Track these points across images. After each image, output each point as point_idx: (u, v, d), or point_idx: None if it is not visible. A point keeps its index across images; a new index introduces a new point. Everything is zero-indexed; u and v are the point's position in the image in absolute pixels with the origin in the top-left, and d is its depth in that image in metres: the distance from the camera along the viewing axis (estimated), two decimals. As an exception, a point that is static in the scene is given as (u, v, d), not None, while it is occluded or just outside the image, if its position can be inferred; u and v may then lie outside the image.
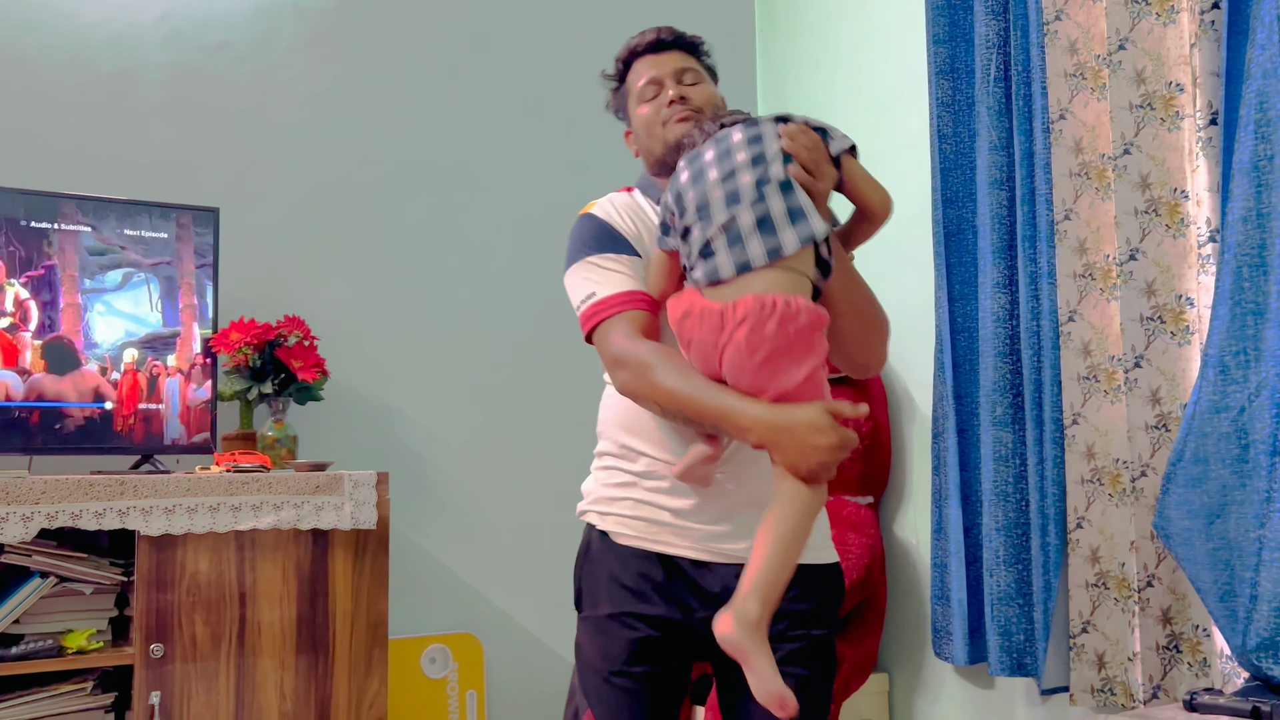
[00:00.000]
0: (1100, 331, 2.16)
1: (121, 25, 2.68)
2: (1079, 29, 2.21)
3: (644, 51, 1.72)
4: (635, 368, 1.50)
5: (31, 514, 2.04)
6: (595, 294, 1.57)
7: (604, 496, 1.64)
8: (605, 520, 1.62)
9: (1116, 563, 2.11)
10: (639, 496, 1.60)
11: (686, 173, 1.51)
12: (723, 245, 1.43)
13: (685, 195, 1.49)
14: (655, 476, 1.58)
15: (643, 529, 1.59)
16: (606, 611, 1.59)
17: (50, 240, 2.33)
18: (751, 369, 1.39)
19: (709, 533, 1.56)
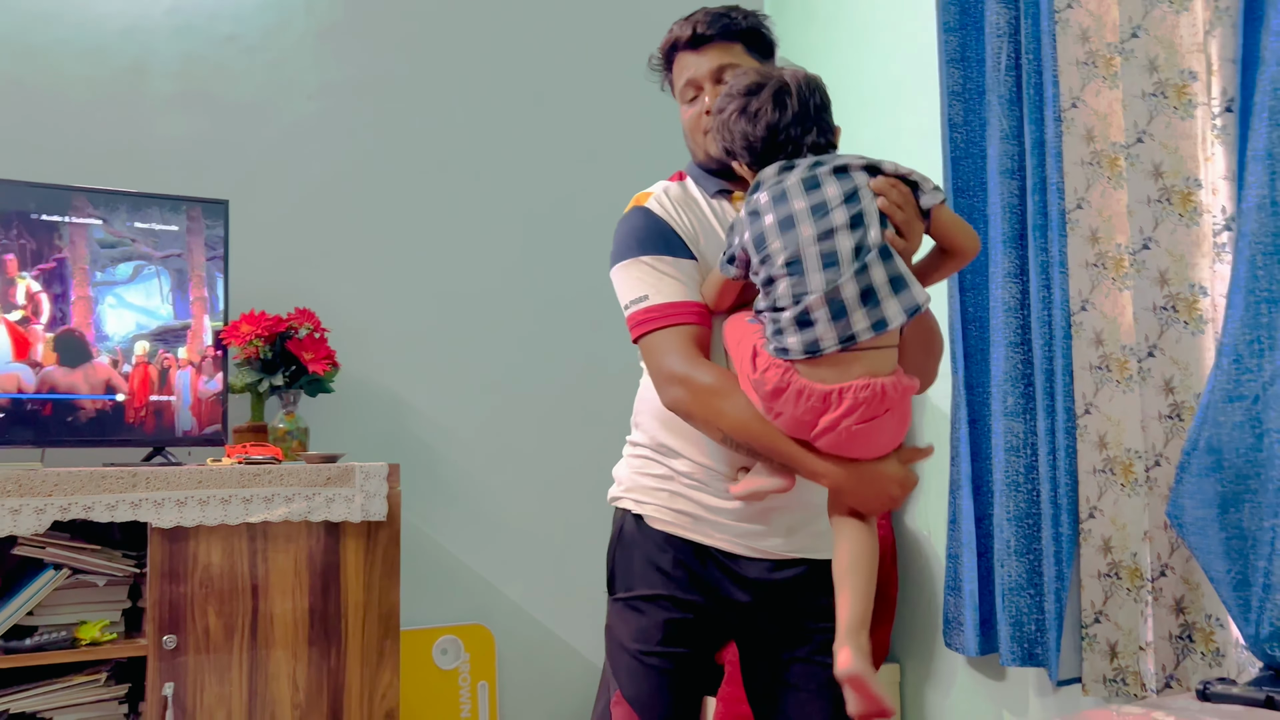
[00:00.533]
0: (1112, 321, 2.15)
1: (132, 18, 2.68)
2: (1091, 17, 2.20)
3: (684, 46, 1.66)
4: (697, 391, 1.49)
5: (44, 506, 2.04)
6: (648, 298, 1.55)
7: (641, 485, 1.65)
8: (643, 506, 1.64)
9: (1128, 553, 2.11)
10: (676, 489, 1.61)
11: (771, 215, 1.42)
12: (824, 317, 1.36)
13: (770, 242, 1.41)
14: (694, 478, 1.60)
15: (679, 519, 1.61)
16: (641, 593, 1.61)
17: (61, 233, 2.33)
18: (851, 449, 1.41)
19: (744, 530, 1.59)
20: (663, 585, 1.60)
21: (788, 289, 1.39)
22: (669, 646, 1.59)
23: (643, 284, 1.56)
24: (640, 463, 1.67)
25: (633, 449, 1.70)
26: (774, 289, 1.41)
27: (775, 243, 1.40)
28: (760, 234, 1.42)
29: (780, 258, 1.39)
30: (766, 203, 1.43)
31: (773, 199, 1.42)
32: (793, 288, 1.38)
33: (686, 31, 1.64)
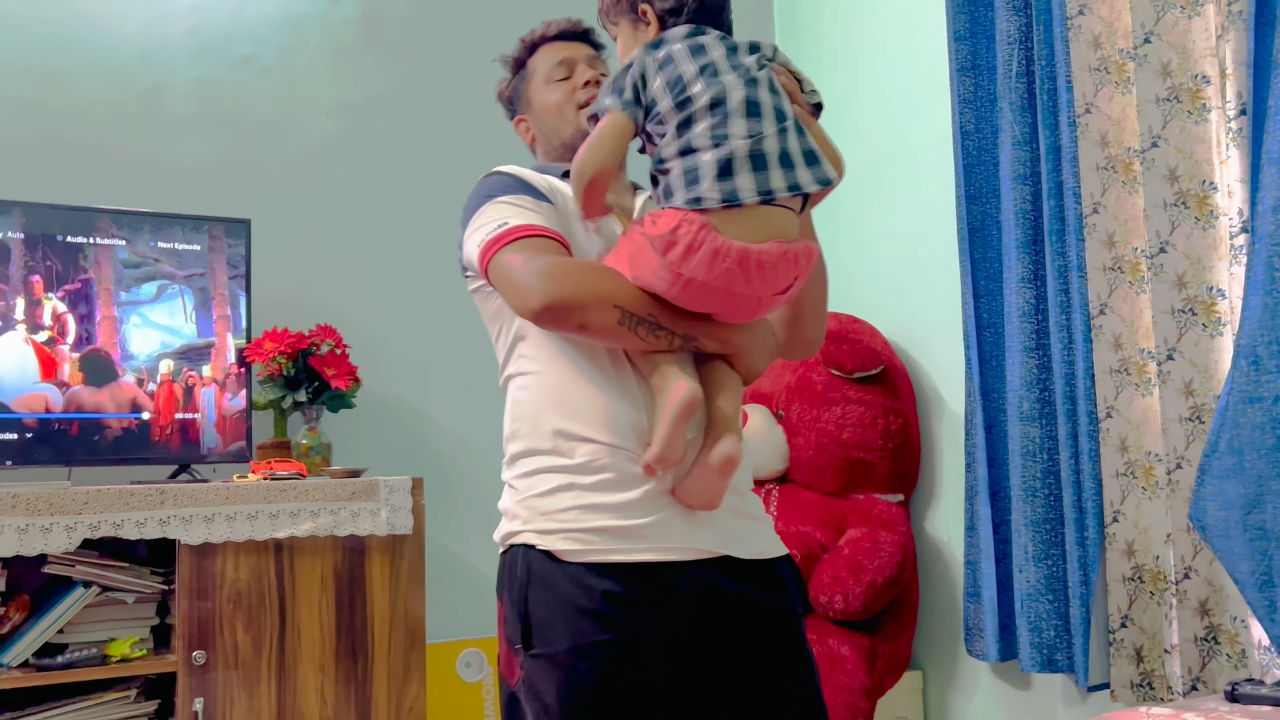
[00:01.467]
0: (1131, 324, 2.17)
1: (151, 41, 2.71)
2: (1102, 23, 2.21)
3: (554, 37, 1.69)
4: (574, 271, 1.35)
5: (74, 524, 2.06)
6: (506, 223, 1.41)
7: (539, 511, 1.40)
8: (548, 539, 1.38)
9: (1152, 556, 2.11)
10: (581, 502, 1.38)
11: (690, 63, 1.35)
12: (746, 166, 1.30)
13: (690, 85, 1.34)
14: (596, 469, 1.38)
15: (594, 540, 1.36)
16: (566, 645, 1.34)
17: (86, 254, 2.36)
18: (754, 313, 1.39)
19: (668, 527, 1.38)
20: (593, 631, 1.33)
21: (707, 130, 1.31)
22: (610, 698, 1.34)
23: (497, 219, 1.42)
24: (530, 481, 1.43)
25: (516, 467, 1.46)
26: (688, 131, 1.32)
27: (697, 85, 1.33)
28: (678, 76, 1.35)
29: (704, 98, 1.32)
30: (682, 51, 1.37)
31: (689, 50, 1.37)
32: (712, 129, 1.31)
33: (562, 25, 1.69)
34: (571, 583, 1.35)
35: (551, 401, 1.42)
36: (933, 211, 2.78)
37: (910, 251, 2.88)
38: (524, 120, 1.71)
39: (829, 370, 2.68)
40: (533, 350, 1.47)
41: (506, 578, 1.43)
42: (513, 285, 1.36)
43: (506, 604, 1.42)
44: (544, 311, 1.32)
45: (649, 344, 1.35)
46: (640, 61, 1.38)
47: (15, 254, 2.29)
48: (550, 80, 1.65)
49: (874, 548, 2.54)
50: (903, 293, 2.89)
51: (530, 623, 1.37)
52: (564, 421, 1.41)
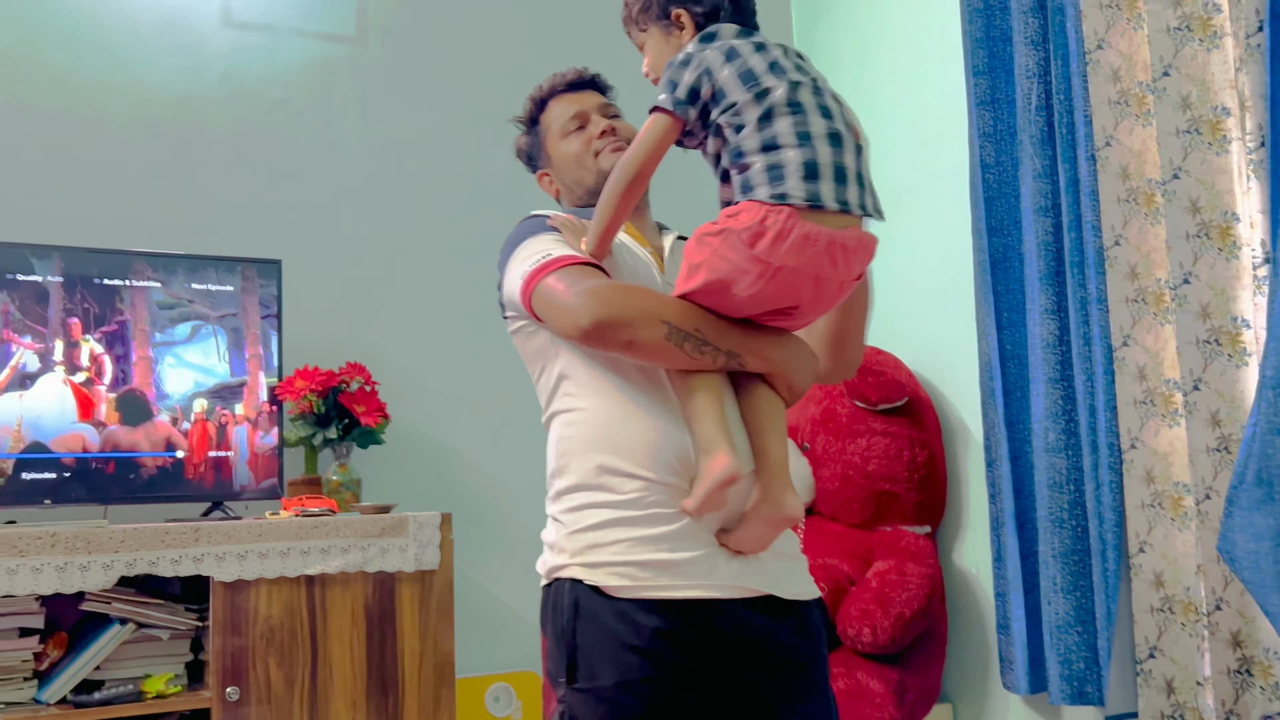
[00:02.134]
0: (1155, 355, 2.17)
1: (186, 86, 2.78)
2: (1121, 57, 2.23)
3: (562, 90, 1.71)
4: (621, 291, 1.36)
5: (111, 562, 2.10)
6: (550, 254, 1.42)
7: (585, 545, 1.41)
8: (594, 573, 1.39)
9: (1182, 587, 2.11)
10: (627, 536, 1.38)
11: (756, 57, 1.35)
12: (829, 175, 1.29)
13: (762, 79, 1.33)
14: (643, 505, 1.39)
15: (641, 575, 1.37)
16: (613, 680, 1.35)
17: (122, 296, 2.41)
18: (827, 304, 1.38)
19: (713, 564, 1.38)
20: (639, 668, 1.34)
21: (790, 128, 1.30)
22: None
23: (540, 252, 1.43)
24: (577, 516, 1.43)
25: (561, 501, 1.47)
26: (770, 126, 1.30)
27: (770, 79, 1.32)
28: (749, 69, 1.33)
29: (780, 92, 1.31)
30: (745, 45, 1.36)
31: (752, 45, 1.36)
32: (795, 126, 1.30)
33: (569, 76, 1.71)
34: (618, 618, 1.36)
35: (598, 437, 1.43)
36: (954, 243, 2.79)
37: (932, 283, 2.90)
38: (546, 174, 1.74)
39: (854, 402, 2.69)
40: (577, 387, 1.47)
41: (551, 611, 1.43)
42: (559, 307, 1.37)
43: (550, 637, 1.43)
44: (592, 329, 1.33)
45: (695, 361, 1.34)
46: (699, 56, 1.36)
47: (54, 297, 2.34)
48: (565, 134, 1.67)
49: (902, 580, 2.53)
50: (926, 324, 2.90)
51: (577, 657, 1.37)
52: (610, 457, 1.41)
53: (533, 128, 1.74)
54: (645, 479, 1.39)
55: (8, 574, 2.02)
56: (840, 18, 3.35)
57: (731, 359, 1.36)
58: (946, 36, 2.82)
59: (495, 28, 3.15)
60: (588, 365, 1.46)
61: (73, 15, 2.68)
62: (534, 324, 1.50)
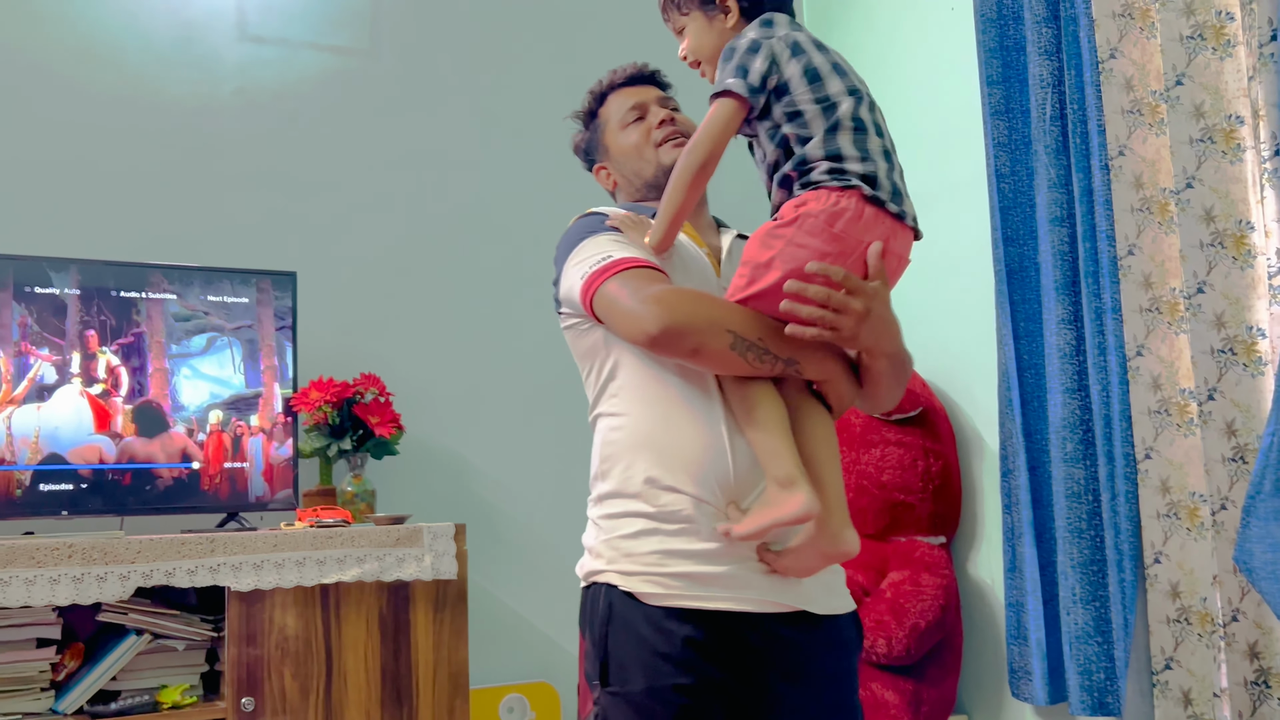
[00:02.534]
0: (1170, 365, 2.16)
1: (201, 100, 2.80)
2: (1134, 66, 2.23)
3: (621, 84, 1.72)
4: (688, 298, 1.36)
5: (128, 573, 2.11)
6: (611, 255, 1.42)
7: (622, 552, 1.42)
8: (629, 580, 1.40)
9: (1198, 598, 2.09)
10: (663, 547, 1.39)
11: (820, 56, 1.39)
12: (887, 190, 1.36)
13: (828, 79, 1.37)
14: (681, 518, 1.39)
15: (674, 585, 1.38)
16: (643, 686, 1.36)
17: (139, 308, 2.43)
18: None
19: (746, 578, 1.39)
20: (669, 674, 1.35)
21: (852, 143, 1.35)
22: None
23: (601, 252, 1.44)
24: (615, 522, 1.44)
25: (604, 507, 1.47)
26: (835, 138, 1.35)
27: (834, 84, 1.37)
28: (813, 67, 1.37)
29: (845, 105, 1.36)
30: (806, 39, 1.39)
31: (813, 42, 1.40)
32: (856, 143, 1.35)
33: (628, 71, 1.72)
34: (650, 625, 1.37)
35: (641, 446, 1.43)
36: (968, 253, 2.79)
37: (946, 293, 2.89)
38: (604, 168, 1.73)
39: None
40: (624, 391, 1.47)
41: (588, 614, 1.45)
42: (624, 313, 1.37)
43: (587, 639, 1.45)
44: (660, 336, 1.34)
45: (756, 369, 1.35)
46: (768, 45, 1.38)
47: (71, 309, 2.36)
48: (625, 125, 1.67)
49: (916, 591, 2.53)
50: (939, 334, 2.89)
51: (609, 661, 1.39)
52: (652, 468, 1.41)
53: (591, 121, 1.75)
54: (684, 493, 1.39)
55: (25, 585, 2.03)
56: (853, 29, 3.35)
57: (790, 367, 1.36)
58: (960, 47, 2.82)
59: (508, 40, 3.17)
60: (637, 368, 1.45)
61: (89, 29, 2.71)
62: (588, 322, 1.49)
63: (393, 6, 3.05)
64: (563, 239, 1.56)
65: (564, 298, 1.52)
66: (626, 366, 1.46)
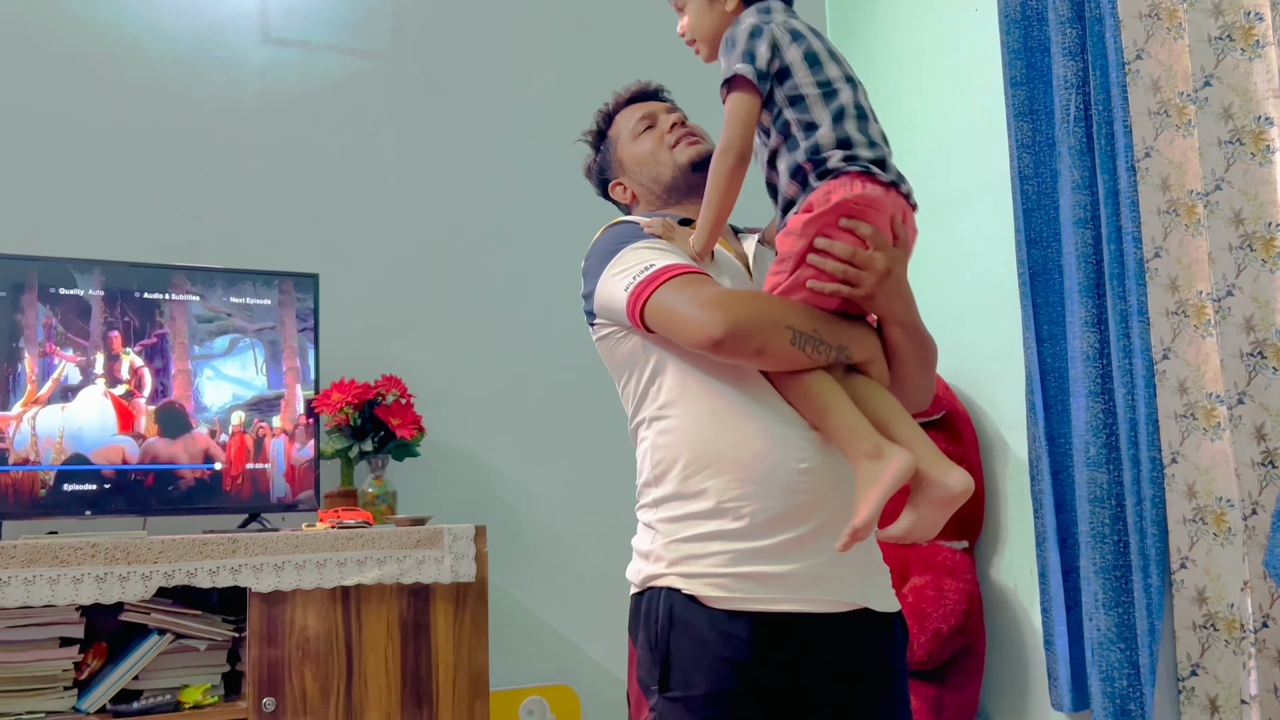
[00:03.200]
0: (1196, 369, 2.14)
1: (224, 102, 2.81)
2: (1161, 67, 2.21)
3: (626, 103, 1.75)
4: (746, 299, 1.37)
5: (150, 573, 2.12)
6: (654, 265, 1.42)
7: (683, 555, 1.41)
8: (692, 583, 1.39)
9: (1225, 604, 2.07)
10: (726, 548, 1.38)
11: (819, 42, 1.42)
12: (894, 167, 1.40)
13: (826, 63, 1.40)
14: (743, 515, 1.38)
15: (739, 587, 1.37)
16: (705, 690, 1.35)
17: (162, 310, 2.44)
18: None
19: (810, 577, 1.38)
20: (731, 678, 1.34)
21: (857, 129, 1.38)
22: None
23: (642, 261, 1.44)
24: (674, 526, 1.43)
25: (661, 511, 1.45)
26: (841, 126, 1.37)
27: (833, 68, 1.40)
28: (813, 52, 1.40)
29: (846, 94, 1.39)
30: (805, 28, 1.42)
31: (809, 29, 1.43)
32: (859, 130, 1.38)
33: (633, 89, 1.75)
34: (714, 629, 1.36)
35: (696, 447, 1.42)
36: (991, 255, 2.77)
37: (968, 295, 2.87)
38: (620, 184, 1.73)
39: (890, 416, 2.67)
40: (671, 395, 1.46)
41: (644, 619, 1.43)
42: (683, 320, 1.37)
43: (642, 645, 1.43)
44: (725, 339, 1.33)
45: (814, 360, 1.36)
46: (767, 29, 1.40)
47: (95, 311, 2.37)
48: (637, 135, 1.69)
49: (939, 596, 2.51)
50: (964, 337, 2.87)
51: (670, 665, 1.38)
52: (710, 467, 1.40)
53: (601, 142, 1.76)
54: (744, 490, 1.38)
55: (49, 584, 2.04)
56: (877, 29, 3.34)
57: (841, 353, 1.38)
58: (984, 48, 2.81)
59: (530, 43, 3.17)
60: (684, 371, 1.45)
61: (113, 32, 2.72)
62: (623, 330, 1.49)
63: (414, 9, 3.06)
64: (593, 249, 1.55)
65: (602, 308, 1.50)
66: (672, 371, 1.46)
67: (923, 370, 1.50)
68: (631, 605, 1.48)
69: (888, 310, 1.42)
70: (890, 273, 1.37)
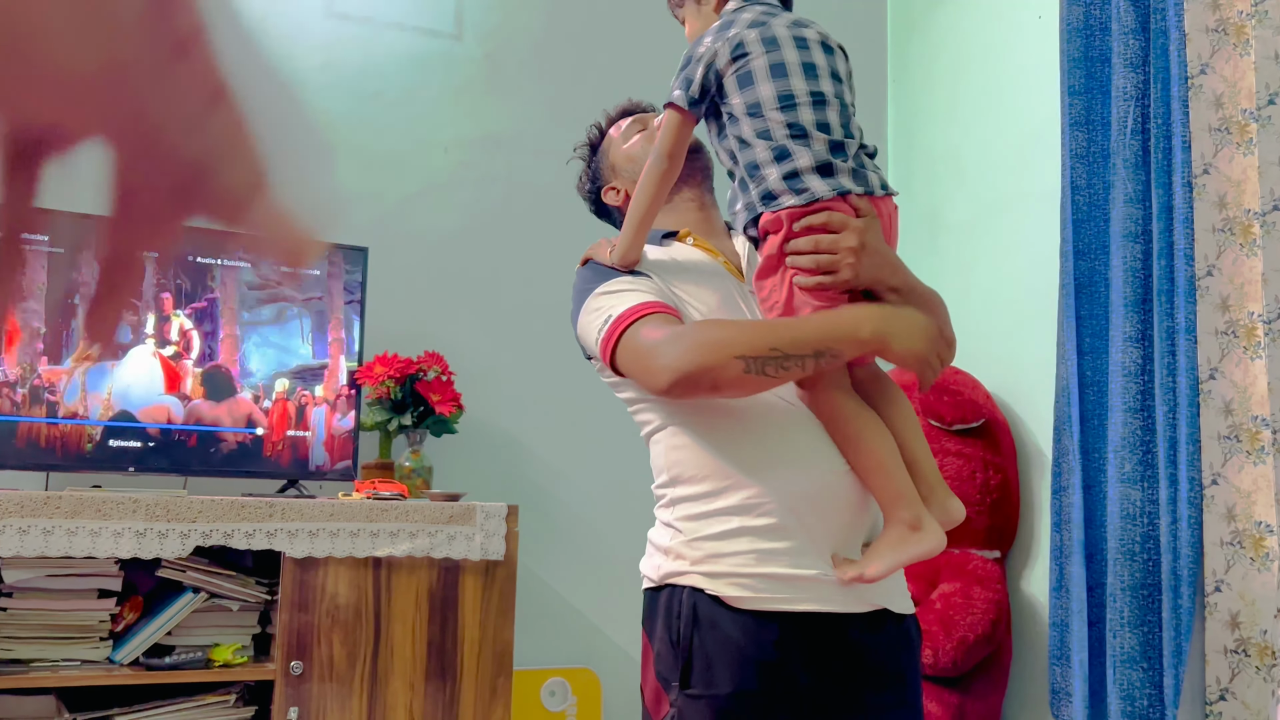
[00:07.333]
0: (1243, 390, 2.11)
1: (287, 74, 2.84)
2: (1225, 83, 2.18)
3: (617, 118, 1.82)
4: (698, 332, 1.36)
5: (189, 531, 2.16)
6: (611, 315, 1.42)
7: (707, 554, 1.40)
8: (716, 583, 1.38)
9: (1258, 629, 2.05)
10: (751, 548, 1.38)
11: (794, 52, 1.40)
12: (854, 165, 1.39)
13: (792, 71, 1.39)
14: (766, 513, 1.39)
15: (764, 587, 1.37)
16: (729, 689, 1.35)
17: (214, 275, 2.48)
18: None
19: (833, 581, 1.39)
20: (755, 679, 1.35)
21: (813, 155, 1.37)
22: None
23: (600, 312, 1.45)
24: (696, 524, 1.42)
25: (680, 509, 1.45)
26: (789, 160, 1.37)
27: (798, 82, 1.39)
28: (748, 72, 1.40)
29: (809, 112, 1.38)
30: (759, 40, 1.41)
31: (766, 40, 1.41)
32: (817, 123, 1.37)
33: (625, 105, 1.83)
34: (738, 628, 1.37)
35: (715, 449, 1.42)
36: (1039, 264, 2.75)
37: (1015, 304, 2.85)
38: (612, 187, 1.77)
39: (928, 421, 2.66)
40: (682, 404, 1.45)
41: (664, 615, 1.43)
42: (640, 375, 1.39)
43: (662, 641, 1.43)
44: (673, 388, 1.34)
45: (784, 378, 1.33)
46: (710, 49, 1.42)
47: (149, 271, 2.42)
48: (629, 139, 1.74)
49: (967, 604, 2.50)
50: (1006, 346, 2.86)
51: (692, 663, 1.38)
52: (731, 465, 1.41)
53: (594, 155, 1.83)
54: (768, 494, 1.39)
55: (91, 536, 2.09)
56: (935, 35, 3.32)
57: (821, 359, 1.32)
58: (1043, 56, 2.78)
59: (590, 33, 3.18)
60: None
61: None
62: None
63: (476, -10, 3.08)
64: (572, 291, 1.59)
65: (589, 353, 1.55)
66: None
67: None
68: (647, 600, 1.49)
69: (876, 280, 1.40)
70: (864, 246, 1.35)
